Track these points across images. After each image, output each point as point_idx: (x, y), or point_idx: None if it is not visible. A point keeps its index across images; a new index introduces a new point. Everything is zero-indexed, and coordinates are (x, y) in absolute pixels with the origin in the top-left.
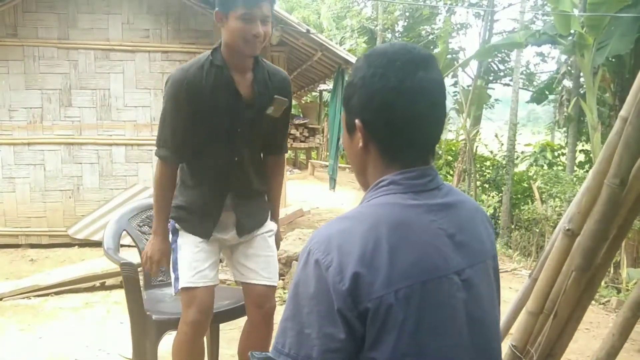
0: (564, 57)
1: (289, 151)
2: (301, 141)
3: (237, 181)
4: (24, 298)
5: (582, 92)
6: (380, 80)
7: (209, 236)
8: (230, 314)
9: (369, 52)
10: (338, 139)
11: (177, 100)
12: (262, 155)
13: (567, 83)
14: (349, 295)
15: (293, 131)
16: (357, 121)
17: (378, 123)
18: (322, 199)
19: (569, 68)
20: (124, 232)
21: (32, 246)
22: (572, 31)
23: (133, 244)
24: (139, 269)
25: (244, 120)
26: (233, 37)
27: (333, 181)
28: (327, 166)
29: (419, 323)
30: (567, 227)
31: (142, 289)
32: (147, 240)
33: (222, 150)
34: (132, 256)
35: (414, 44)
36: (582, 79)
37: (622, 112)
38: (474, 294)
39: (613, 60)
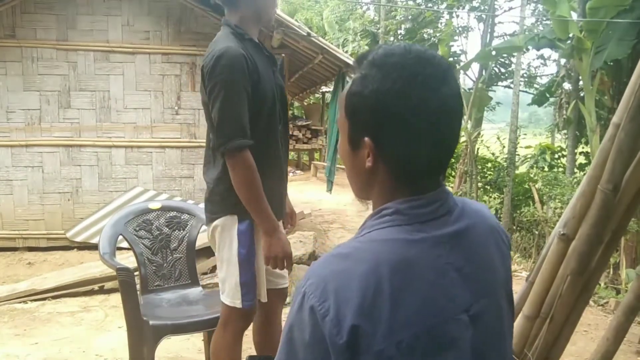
0: (563, 61)
1: (292, 153)
2: (304, 142)
3: (284, 159)
4: (20, 302)
5: (581, 95)
6: (400, 98)
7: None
8: None
9: (381, 60)
10: (336, 142)
11: (242, 73)
12: None
13: (567, 86)
14: (347, 349)
15: (296, 132)
16: (367, 139)
17: (393, 145)
18: (325, 201)
19: (569, 71)
20: (121, 236)
21: (30, 249)
22: (570, 35)
23: (130, 246)
24: (136, 274)
25: (278, 84)
26: (263, 9)
27: (330, 183)
28: (326, 167)
29: None
30: (562, 232)
31: (139, 293)
32: (143, 244)
33: (273, 121)
34: (128, 260)
35: (431, 52)
36: (581, 83)
37: (615, 119)
38: (481, 328)
39: (611, 64)
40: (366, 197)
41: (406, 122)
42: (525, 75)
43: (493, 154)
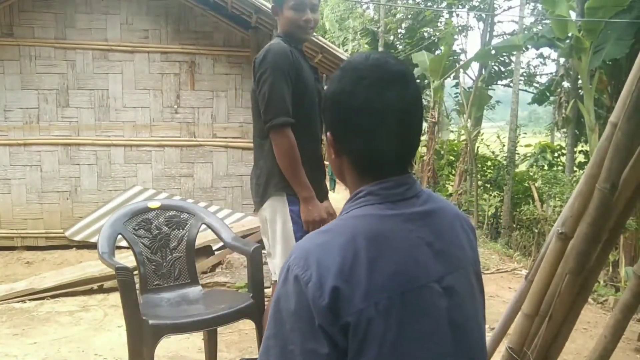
0: (562, 60)
1: None
2: None
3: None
4: (18, 302)
5: (580, 94)
6: (349, 99)
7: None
8: (228, 318)
9: (345, 64)
10: None
11: (288, 64)
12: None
13: (567, 85)
14: (329, 310)
15: None
16: (328, 134)
17: (347, 139)
18: None
19: (568, 70)
20: (120, 236)
21: (28, 248)
22: (569, 35)
23: (129, 246)
24: (135, 273)
25: (317, 91)
26: (288, 24)
27: (333, 182)
28: (328, 165)
29: (400, 333)
30: (560, 231)
31: (138, 293)
32: (143, 243)
33: (313, 115)
34: (128, 259)
35: (389, 58)
36: (580, 82)
37: (612, 118)
38: (456, 300)
39: (610, 63)
40: (347, 187)
41: (354, 120)
42: (524, 74)
43: (493, 152)
